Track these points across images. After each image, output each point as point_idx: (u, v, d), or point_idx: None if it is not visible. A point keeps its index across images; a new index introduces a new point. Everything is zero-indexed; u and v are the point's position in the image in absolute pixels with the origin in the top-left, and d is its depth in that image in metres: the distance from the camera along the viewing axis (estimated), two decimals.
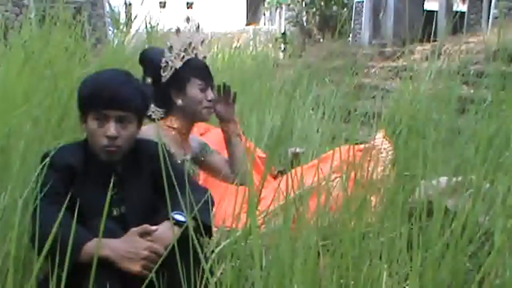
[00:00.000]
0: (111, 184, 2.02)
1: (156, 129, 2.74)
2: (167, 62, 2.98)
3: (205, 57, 3.13)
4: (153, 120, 2.93)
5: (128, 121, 2.34)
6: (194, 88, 3.00)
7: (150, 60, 3.05)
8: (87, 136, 2.37)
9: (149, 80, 2.95)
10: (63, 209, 1.87)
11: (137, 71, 3.13)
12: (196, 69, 3.02)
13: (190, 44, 3.02)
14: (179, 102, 2.98)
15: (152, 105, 2.91)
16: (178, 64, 2.98)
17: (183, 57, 3.00)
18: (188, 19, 3.07)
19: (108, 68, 2.72)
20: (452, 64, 5.94)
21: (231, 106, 3.16)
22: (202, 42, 3.10)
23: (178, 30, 3.03)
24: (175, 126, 2.99)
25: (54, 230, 1.75)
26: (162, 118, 2.97)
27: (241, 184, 2.78)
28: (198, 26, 3.09)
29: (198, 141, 3.21)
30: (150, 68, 3.02)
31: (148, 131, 2.66)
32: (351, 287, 2.07)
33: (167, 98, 2.97)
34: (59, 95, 3.48)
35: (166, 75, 2.98)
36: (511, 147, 2.70)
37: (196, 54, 3.05)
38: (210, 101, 3.03)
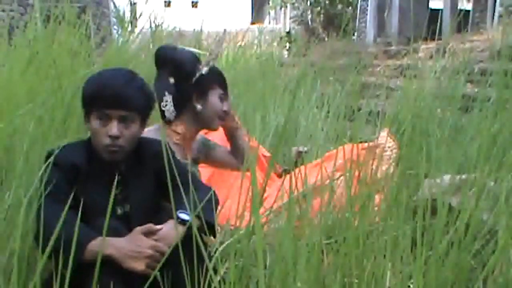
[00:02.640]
0: (115, 183, 2.02)
1: (157, 133, 2.73)
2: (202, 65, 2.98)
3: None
4: (165, 120, 2.91)
5: (130, 120, 2.33)
6: (215, 96, 2.99)
7: (174, 60, 3.00)
8: (90, 135, 2.38)
9: (172, 80, 2.92)
10: (66, 208, 1.87)
11: (141, 70, 3.13)
12: (220, 77, 3.03)
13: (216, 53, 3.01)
14: (199, 107, 2.95)
15: (170, 105, 2.89)
16: (204, 69, 2.95)
17: (208, 63, 2.97)
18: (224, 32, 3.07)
19: (112, 67, 2.70)
20: (456, 63, 5.93)
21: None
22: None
23: (221, 38, 3.02)
24: (179, 131, 2.96)
25: (58, 229, 1.76)
26: (167, 122, 2.94)
27: (248, 170, 2.79)
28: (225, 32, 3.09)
29: (197, 146, 3.18)
30: (174, 68, 2.97)
31: (148, 133, 2.65)
32: (354, 286, 2.07)
33: (186, 100, 2.93)
34: (63, 95, 3.48)
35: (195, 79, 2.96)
36: None
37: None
38: (225, 112, 3.03)
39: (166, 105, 2.90)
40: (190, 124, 2.98)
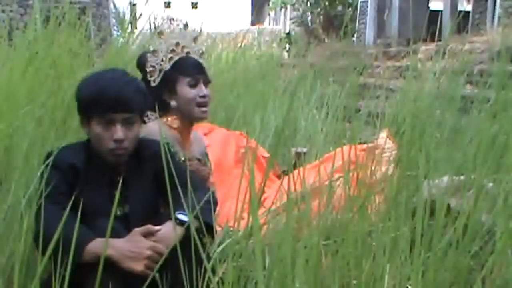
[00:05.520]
0: (116, 184, 2.02)
1: (159, 126, 2.74)
2: (153, 66, 2.96)
3: (202, 53, 3.11)
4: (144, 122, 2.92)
5: (133, 122, 2.33)
6: (183, 87, 2.94)
7: (140, 65, 3.06)
8: (91, 139, 2.37)
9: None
10: (66, 209, 1.87)
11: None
12: (183, 67, 2.97)
13: (177, 44, 2.99)
14: (173, 103, 2.94)
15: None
16: (167, 66, 2.95)
17: (171, 58, 2.97)
18: (171, 20, 3.04)
19: (107, 69, 2.65)
20: (456, 64, 5.93)
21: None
22: (195, 38, 3.08)
23: (160, 33, 3.00)
24: (174, 126, 2.97)
25: (57, 230, 1.76)
26: (161, 116, 2.95)
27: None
28: (186, 24, 3.06)
29: (200, 149, 3.17)
30: (142, 73, 3.02)
31: (152, 127, 2.66)
32: (353, 287, 2.07)
33: (161, 101, 2.92)
34: (63, 95, 3.48)
35: (155, 79, 2.96)
36: None
37: (188, 53, 3.01)
38: (203, 97, 2.96)
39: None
40: (179, 119, 2.99)
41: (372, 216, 2.59)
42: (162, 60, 2.96)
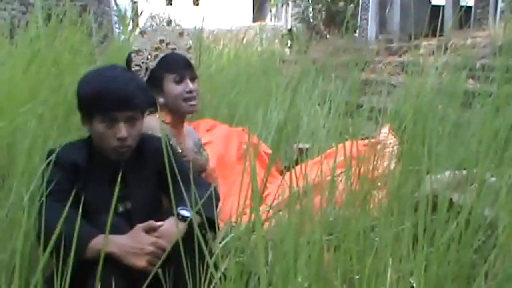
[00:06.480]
0: (118, 181, 2.02)
1: (156, 121, 2.75)
2: (139, 65, 2.97)
3: (189, 48, 3.10)
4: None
5: (136, 119, 2.33)
6: (169, 84, 2.97)
7: (127, 63, 3.08)
8: (93, 137, 2.36)
9: None
10: (68, 206, 1.87)
11: None
12: (168, 63, 2.99)
13: (161, 41, 2.99)
14: (161, 100, 2.96)
15: None
16: (152, 64, 2.97)
17: (156, 55, 2.99)
18: (153, 17, 3.05)
19: (107, 66, 2.62)
20: (458, 59, 5.92)
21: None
22: (181, 34, 3.08)
23: (143, 32, 3.01)
24: (167, 121, 2.98)
25: (59, 227, 1.76)
26: (152, 112, 2.95)
27: None
28: (170, 21, 3.06)
29: (194, 141, 3.19)
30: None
31: (148, 122, 2.67)
32: (355, 282, 2.07)
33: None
34: (65, 93, 3.48)
35: (141, 77, 2.96)
36: None
37: (173, 49, 3.02)
38: (189, 92, 2.98)
39: None
40: (170, 114, 3.01)
41: (375, 211, 2.59)
42: (147, 58, 2.97)
